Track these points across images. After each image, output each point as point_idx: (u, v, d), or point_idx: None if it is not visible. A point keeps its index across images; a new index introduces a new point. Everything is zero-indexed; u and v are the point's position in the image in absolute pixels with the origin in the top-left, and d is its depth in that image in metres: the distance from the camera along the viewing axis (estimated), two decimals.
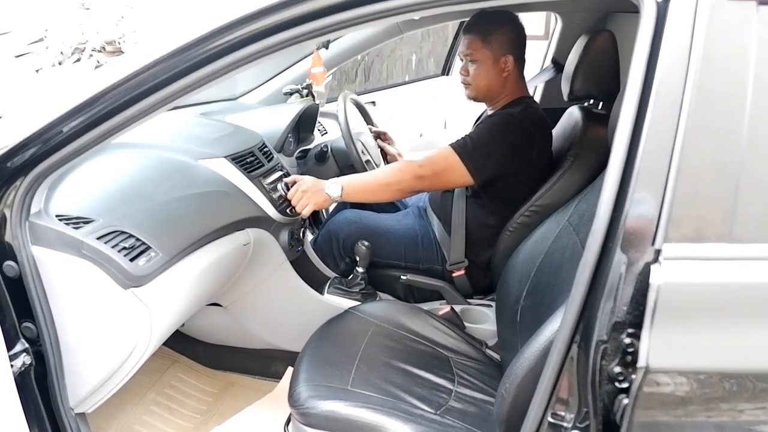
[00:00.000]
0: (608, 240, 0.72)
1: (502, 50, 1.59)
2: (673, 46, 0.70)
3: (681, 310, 0.68)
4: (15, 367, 0.97)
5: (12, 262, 0.97)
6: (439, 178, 1.56)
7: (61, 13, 5.97)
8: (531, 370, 0.87)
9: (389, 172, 1.58)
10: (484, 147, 1.54)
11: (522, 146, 1.55)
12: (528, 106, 1.61)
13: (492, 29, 1.58)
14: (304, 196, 1.53)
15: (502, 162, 1.55)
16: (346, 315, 1.44)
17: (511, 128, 1.55)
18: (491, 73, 1.61)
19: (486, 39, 1.58)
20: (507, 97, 1.65)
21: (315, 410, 1.10)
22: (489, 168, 1.54)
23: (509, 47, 1.60)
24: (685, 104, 0.69)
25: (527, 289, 1.25)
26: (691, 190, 0.69)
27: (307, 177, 1.58)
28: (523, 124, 1.55)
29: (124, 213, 1.14)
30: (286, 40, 0.87)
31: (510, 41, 1.60)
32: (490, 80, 1.62)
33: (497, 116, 1.60)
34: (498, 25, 1.59)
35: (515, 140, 1.55)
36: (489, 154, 1.54)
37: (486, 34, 1.58)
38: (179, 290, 1.22)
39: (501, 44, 1.59)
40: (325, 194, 1.53)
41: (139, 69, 0.90)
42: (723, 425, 0.70)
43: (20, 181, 0.95)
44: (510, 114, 1.58)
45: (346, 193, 1.53)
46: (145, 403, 1.61)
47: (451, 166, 1.54)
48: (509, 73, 1.61)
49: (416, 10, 0.85)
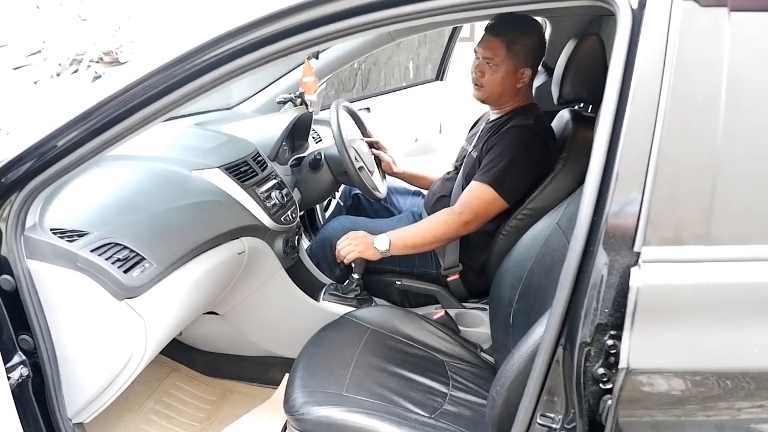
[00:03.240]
0: (590, 243, 0.74)
1: (524, 62, 1.57)
2: (649, 51, 0.72)
3: (661, 311, 0.69)
4: (12, 379, 0.98)
5: (8, 276, 0.98)
6: (482, 217, 1.57)
7: (58, 24, 6.00)
8: (521, 373, 0.88)
9: (435, 227, 1.59)
10: (513, 170, 1.53)
11: (543, 157, 1.56)
12: (538, 115, 1.61)
13: (518, 38, 1.55)
14: (352, 245, 1.59)
15: (530, 178, 1.55)
16: (342, 321, 1.45)
17: (532, 142, 1.55)
18: (507, 82, 1.59)
19: (511, 47, 1.55)
20: (514, 104, 1.65)
21: (310, 416, 1.11)
22: (521, 188, 1.55)
23: (531, 59, 1.58)
24: (661, 108, 0.71)
25: (519, 292, 1.26)
26: (668, 193, 0.70)
27: (360, 231, 1.63)
28: (540, 135, 1.56)
29: (119, 225, 1.15)
30: (279, 51, 0.88)
31: (533, 52, 1.58)
32: (504, 88, 1.61)
33: (514, 132, 1.57)
34: (525, 35, 1.56)
35: (537, 153, 1.55)
36: (519, 176, 1.54)
37: (512, 42, 1.55)
38: (174, 300, 1.24)
39: (524, 55, 1.57)
40: (374, 249, 1.57)
41: (132, 82, 0.91)
42: (703, 424, 0.72)
43: (15, 195, 0.97)
44: (526, 127, 1.56)
45: (393, 247, 1.58)
46: (143, 412, 1.62)
47: (488, 201, 1.55)
48: (524, 84, 1.61)
49: (402, 21, 0.87)
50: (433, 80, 3.30)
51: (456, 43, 3.14)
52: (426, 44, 5.35)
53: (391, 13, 0.83)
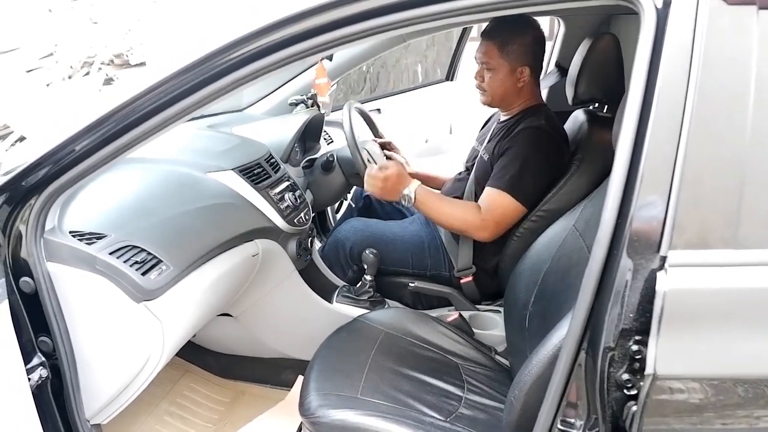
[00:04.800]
0: (614, 247, 0.73)
1: (520, 61, 1.57)
2: (674, 51, 0.71)
3: (688, 316, 0.68)
4: (32, 381, 0.99)
5: (28, 278, 0.99)
6: (502, 226, 1.56)
7: (70, 27, 6.06)
8: (539, 377, 0.87)
9: (460, 214, 1.57)
10: (529, 175, 1.52)
11: (557, 158, 1.55)
12: (548, 115, 1.60)
13: (510, 39, 1.55)
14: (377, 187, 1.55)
15: (545, 179, 1.54)
16: (355, 323, 1.45)
17: (545, 143, 1.54)
18: (507, 83, 1.60)
19: (503, 48, 1.56)
20: (523, 104, 1.64)
21: (325, 419, 1.11)
22: (537, 191, 1.54)
23: (527, 58, 1.58)
24: (688, 108, 0.69)
25: (535, 294, 1.25)
26: (695, 195, 0.69)
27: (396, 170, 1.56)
28: (552, 135, 1.55)
29: (135, 227, 1.15)
30: (299, 53, 0.87)
31: (528, 52, 1.57)
32: (505, 89, 1.61)
33: (525, 134, 1.55)
34: (517, 35, 1.56)
35: (551, 155, 1.54)
36: (535, 181, 1.53)
37: (504, 43, 1.56)
38: (190, 302, 1.24)
39: (518, 55, 1.56)
40: (401, 193, 1.55)
41: (148, 87, 0.91)
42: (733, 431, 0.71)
43: (35, 199, 0.97)
44: (538, 128, 1.55)
45: (417, 201, 1.55)
46: (158, 414, 1.63)
47: (509, 209, 1.53)
48: (525, 83, 1.60)
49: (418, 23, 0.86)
50: (443, 81, 3.29)
51: (466, 43, 3.13)
52: (434, 46, 5.32)
53: (414, 14, 0.82)
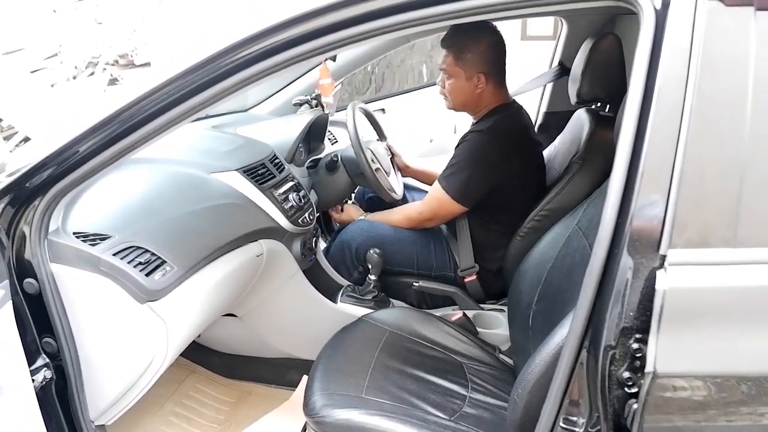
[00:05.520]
0: (614, 246, 0.73)
1: (476, 68, 1.60)
2: (673, 51, 0.71)
3: (688, 315, 0.68)
4: (36, 382, 0.99)
5: (32, 279, 1.00)
6: (440, 216, 1.71)
7: (74, 28, 6.08)
8: (542, 376, 0.87)
9: (400, 222, 1.78)
10: (463, 174, 1.61)
11: (498, 162, 1.59)
12: (500, 119, 1.63)
13: (465, 47, 1.59)
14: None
15: (482, 183, 1.61)
16: (360, 323, 1.45)
17: (482, 148, 1.60)
18: (465, 90, 1.64)
19: (459, 57, 1.60)
20: (486, 108, 1.68)
21: (330, 419, 1.11)
22: (472, 193, 1.62)
23: (482, 65, 1.60)
24: (687, 108, 0.70)
25: (538, 293, 1.26)
26: (694, 195, 0.69)
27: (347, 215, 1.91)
28: (493, 139, 1.59)
29: (139, 228, 1.16)
30: (301, 54, 0.87)
31: (483, 59, 1.60)
32: (465, 96, 1.66)
33: (469, 138, 1.64)
34: (472, 43, 1.59)
35: (490, 159, 1.59)
36: (468, 181, 1.60)
37: (459, 52, 1.60)
38: (194, 303, 1.25)
39: (474, 63, 1.60)
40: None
41: (152, 88, 0.91)
42: (735, 429, 0.70)
43: (39, 200, 0.98)
44: (480, 132, 1.61)
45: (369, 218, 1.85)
46: (163, 414, 1.64)
47: (443, 202, 1.65)
48: (483, 89, 1.63)
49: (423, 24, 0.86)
50: None
51: None
52: (439, 47, 5.32)
53: (421, 14, 0.82)
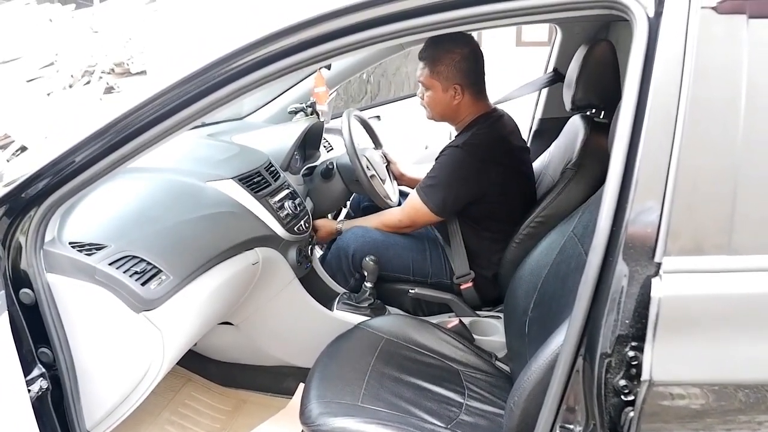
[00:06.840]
0: (609, 254, 0.73)
1: (451, 80, 1.61)
2: (667, 59, 0.72)
3: (683, 322, 0.68)
4: (32, 392, 0.99)
5: (28, 289, 0.99)
6: (418, 224, 1.73)
7: (70, 37, 6.07)
8: (539, 383, 0.88)
9: (380, 218, 1.80)
10: (439, 186, 1.63)
11: (474, 175, 1.60)
12: (477, 131, 1.63)
13: (439, 60, 1.60)
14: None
15: (459, 196, 1.63)
16: (356, 330, 1.45)
17: (457, 162, 1.61)
18: (442, 101, 1.65)
19: (434, 69, 1.61)
20: (466, 118, 1.68)
21: (326, 427, 1.11)
22: (449, 205, 1.64)
23: (457, 77, 1.61)
24: (680, 116, 0.70)
25: (534, 300, 1.26)
26: (688, 202, 0.70)
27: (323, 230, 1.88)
28: (469, 154, 1.60)
29: (135, 237, 1.16)
30: (296, 64, 0.88)
31: (458, 71, 1.60)
32: (442, 107, 1.67)
33: (446, 153, 1.65)
34: (445, 55, 1.59)
35: (464, 173, 1.61)
36: (445, 194, 1.62)
37: (434, 64, 1.61)
38: (190, 312, 1.24)
39: (448, 74, 1.60)
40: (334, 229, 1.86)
41: (149, 98, 0.91)
42: None
43: (35, 210, 0.98)
44: (456, 147, 1.62)
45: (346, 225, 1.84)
46: (160, 423, 1.63)
47: (419, 210, 1.67)
48: (460, 101, 1.64)
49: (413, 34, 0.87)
50: None
51: None
52: None
53: (415, 24, 0.82)
